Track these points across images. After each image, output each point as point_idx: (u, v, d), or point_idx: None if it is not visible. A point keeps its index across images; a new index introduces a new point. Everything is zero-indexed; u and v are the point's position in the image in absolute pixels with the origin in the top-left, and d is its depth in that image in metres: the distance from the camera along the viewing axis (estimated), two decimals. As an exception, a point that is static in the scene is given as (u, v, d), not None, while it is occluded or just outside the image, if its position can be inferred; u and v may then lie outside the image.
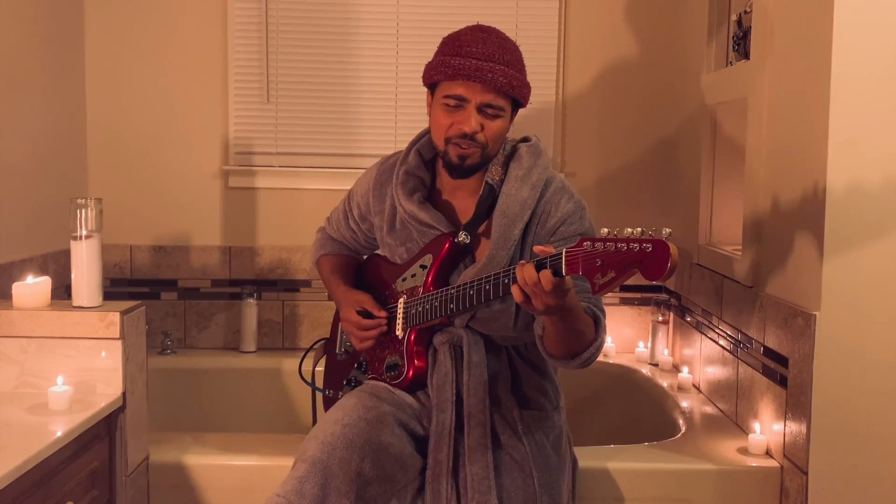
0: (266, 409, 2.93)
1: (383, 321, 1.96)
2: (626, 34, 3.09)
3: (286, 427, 2.86)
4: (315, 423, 2.14)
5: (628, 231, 1.41)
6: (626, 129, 3.11)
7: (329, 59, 3.06)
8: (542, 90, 3.02)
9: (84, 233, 2.01)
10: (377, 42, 3.06)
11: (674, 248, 1.37)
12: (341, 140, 3.09)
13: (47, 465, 1.68)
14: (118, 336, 1.97)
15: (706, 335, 2.68)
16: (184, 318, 3.10)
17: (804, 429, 1.95)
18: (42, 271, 2.54)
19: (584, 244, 1.45)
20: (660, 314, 3.07)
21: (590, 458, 2.08)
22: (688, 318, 2.87)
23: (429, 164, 1.99)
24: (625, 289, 3.14)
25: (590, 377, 2.92)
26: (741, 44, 2.47)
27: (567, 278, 1.51)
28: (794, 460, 2.01)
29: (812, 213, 1.95)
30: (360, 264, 2.19)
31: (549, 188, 1.89)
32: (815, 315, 1.91)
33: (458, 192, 1.95)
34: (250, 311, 3.04)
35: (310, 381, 2.17)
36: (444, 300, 1.81)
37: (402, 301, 1.94)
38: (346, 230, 2.16)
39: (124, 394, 1.99)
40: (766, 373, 2.18)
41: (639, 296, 3.15)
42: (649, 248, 1.38)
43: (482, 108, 1.80)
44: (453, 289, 1.79)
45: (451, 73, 1.79)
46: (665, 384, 2.77)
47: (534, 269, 1.52)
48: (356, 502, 1.66)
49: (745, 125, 2.35)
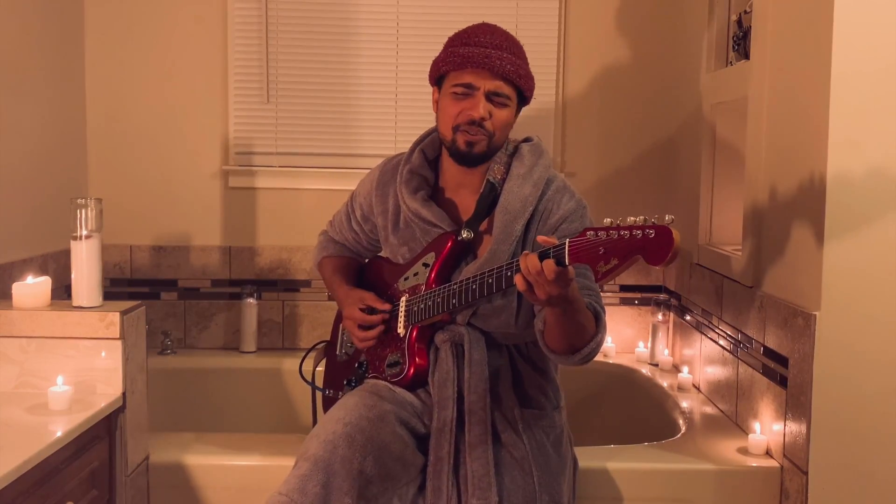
0: (266, 409, 2.93)
1: (386, 317, 1.97)
2: (626, 34, 3.09)
3: (286, 427, 2.86)
4: (315, 423, 2.14)
5: (631, 219, 1.43)
6: (626, 129, 3.12)
7: (329, 59, 3.06)
8: (542, 90, 2.99)
9: (84, 233, 2.01)
10: (377, 42, 3.06)
11: (676, 234, 1.39)
12: (341, 140, 3.09)
13: (47, 465, 1.68)
14: (118, 336, 1.97)
15: (706, 335, 2.68)
16: (184, 318, 3.10)
17: (804, 429, 1.95)
18: (42, 271, 2.54)
19: (588, 234, 1.47)
20: (660, 314, 3.07)
21: (590, 458, 2.08)
22: (688, 318, 2.88)
23: (432, 163, 2.00)
24: (625, 289, 3.15)
25: (590, 377, 2.93)
26: (741, 44, 2.47)
27: (570, 268, 1.52)
28: (794, 460, 2.01)
29: (812, 213, 1.95)
30: (361, 267, 2.20)
31: (550, 187, 1.91)
32: (815, 315, 1.91)
33: (462, 190, 1.96)
34: (250, 311, 3.04)
35: (310, 380, 2.17)
36: (447, 295, 1.82)
37: (404, 299, 1.95)
38: (348, 232, 2.17)
39: (124, 394, 1.99)
40: (766, 373, 2.18)
41: (639, 296, 3.15)
42: (652, 233, 1.40)
43: (490, 96, 1.83)
44: (455, 284, 1.80)
45: (459, 62, 1.82)
46: (665, 384, 2.77)
47: (537, 259, 1.53)
48: (358, 501, 1.67)
49: (745, 125, 2.35)
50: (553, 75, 3.08)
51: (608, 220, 1.46)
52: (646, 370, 2.94)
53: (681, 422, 2.44)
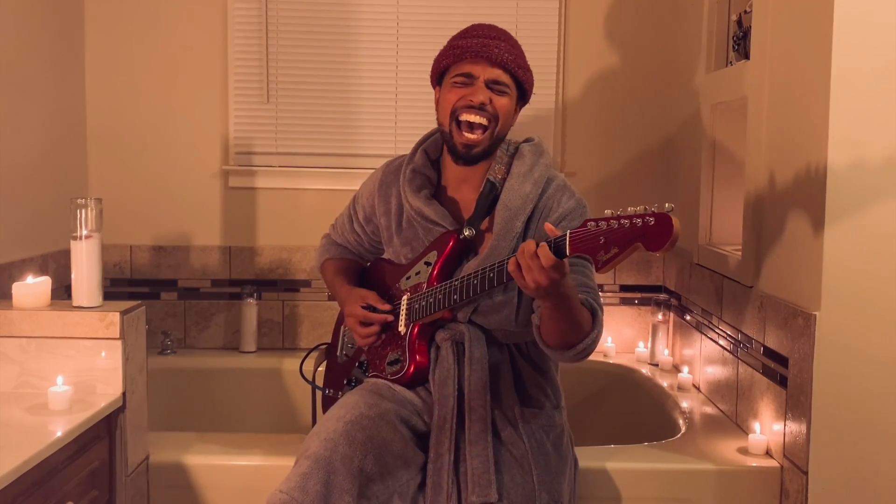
0: (266, 409, 2.93)
1: (389, 317, 1.97)
2: (625, 34, 3.09)
3: (286, 427, 2.86)
4: (315, 423, 2.14)
5: (631, 209, 1.45)
6: (626, 129, 3.12)
7: (329, 59, 3.06)
8: (542, 90, 3.02)
9: (84, 233, 2.01)
10: (377, 42, 3.06)
11: (676, 220, 1.41)
12: (341, 140, 3.09)
13: (47, 465, 1.68)
14: (118, 336, 1.97)
15: (706, 335, 2.68)
16: (184, 318, 3.10)
17: (804, 429, 1.95)
18: (42, 271, 2.54)
19: (588, 224, 1.49)
20: (660, 314, 3.07)
21: (590, 458, 2.08)
22: (688, 317, 2.88)
23: (434, 163, 2.01)
24: (625, 289, 3.15)
25: (590, 377, 2.93)
26: (741, 44, 2.47)
27: (565, 262, 1.54)
28: (794, 460, 2.01)
29: (812, 213, 1.95)
30: (363, 269, 2.20)
31: (550, 185, 1.92)
32: (815, 315, 1.91)
33: (464, 189, 1.97)
34: (250, 311, 3.04)
35: (310, 380, 2.17)
36: (448, 292, 1.83)
37: (405, 297, 1.95)
38: (350, 234, 2.18)
39: (124, 394, 1.99)
40: (766, 373, 2.18)
41: (639, 296, 3.15)
42: (652, 221, 1.42)
43: (489, 85, 1.86)
44: (457, 280, 1.82)
45: (458, 54, 1.87)
46: (665, 384, 2.77)
47: (533, 242, 1.55)
48: (359, 499, 1.67)
49: (745, 125, 2.35)
50: (553, 75, 3.08)
51: (608, 211, 1.48)
52: (646, 370, 2.94)
53: (681, 422, 2.44)
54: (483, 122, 1.86)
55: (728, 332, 2.47)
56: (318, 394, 2.19)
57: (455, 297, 1.81)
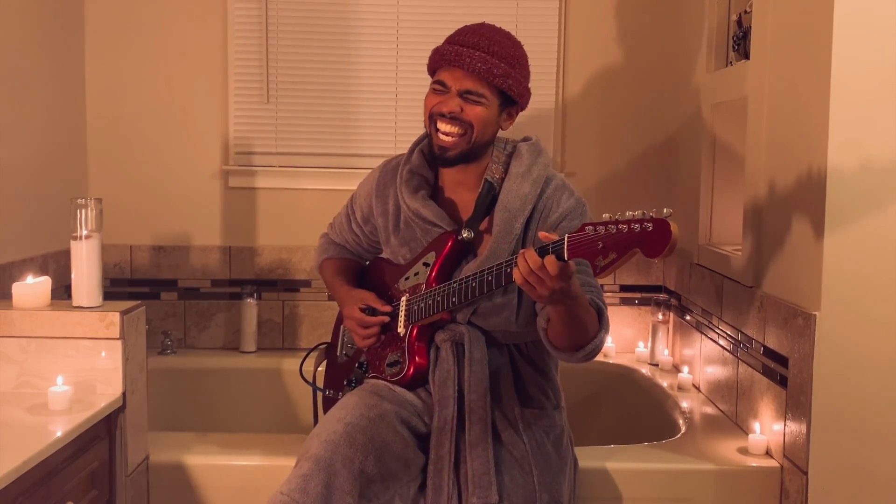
0: (266, 409, 2.93)
1: (386, 319, 1.97)
2: (625, 34, 3.09)
3: (286, 427, 2.86)
4: (316, 423, 2.14)
5: (629, 214, 1.44)
6: (626, 129, 3.12)
7: (329, 59, 3.06)
8: (542, 90, 3.02)
9: (84, 233, 2.01)
10: (377, 42, 3.06)
11: (674, 226, 1.40)
12: (341, 140, 3.09)
13: (47, 465, 1.68)
14: (118, 336, 1.97)
15: (706, 335, 2.68)
16: (184, 318, 3.10)
17: (804, 429, 1.95)
18: (42, 271, 2.54)
19: (586, 229, 1.48)
20: (660, 314, 3.07)
21: (590, 458, 2.08)
22: (688, 317, 2.88)
23: (431, 163, 2.00)
24: (625, 289, 3.15)
25: (590, 377, 2.93)
26: (741, 44, 2.47)
27: (570, 263, 1.53)
28: (794, 460, 2.01)
29: (812, 213, 1.95)
30: (362, 268, 2.20)
31: (549, 185, 1.91)
32: (815, 315, 1.91)
33: (460, 189, 1.96)
34: (250, 311, 3.04)
35: (310, 381, 2.17)
36: (447, 294, 1.82)
37: (404, 298, 1.95)
38: (348, 234, 2.17)
39: (124, 394, 1.99)
40: (766, 373, 2.18)
41: (639, 296, 3.15)
42: (650, 227, 1.41)
43: (462, 94, 1.84)
44: (455, 282, 1.81)
45: (437, 60, 1.88)
46: (665, 384, 2.77)
47: (536, 255, 1.54)
48: (359, 500, 1.67)
49: (745, 125, 2.35)
50: (553, 75, 3.08)
51: (607, 215, 1.47)
52: (646, 370, 2.94)
53: (681, 422, 2.44)
54: (453, 130, 1.85)
55: (728, 332, 2.47)
56: (319, 394, 2.19)
57: (454, 299, 1.81)
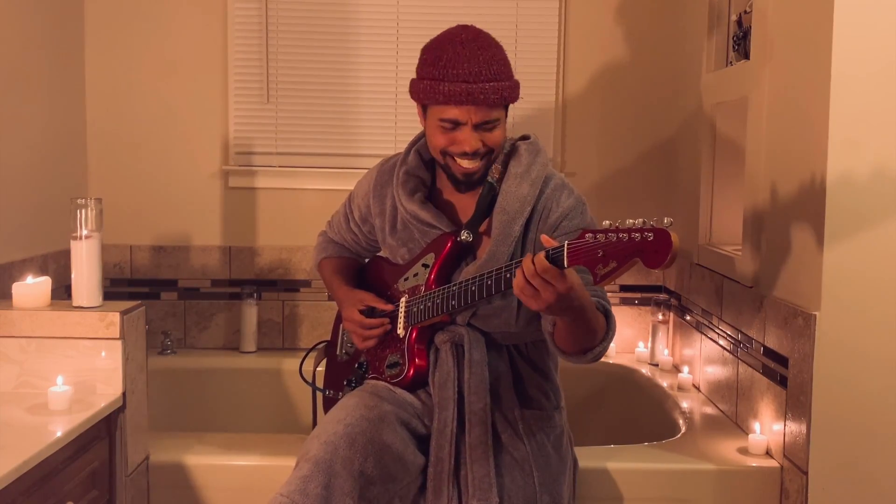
0: (266, 409, 2.93)
1: (386, 321, 1.96)
2: (625, 34, 3.09)
3: (286, 427, 2.86)
4: (315, 423, 2.14)
5: (630, 222, 1.43)
6: (626, 129, 3.12)
7: (329, 59, 3.06)
8: (542, 90, 3.02)
9: (84, 233, 2.01)
10: (377, 42, 3.06)
11: (675, 236, 1.38)
12: (341, 140, 3.09)
13: (47, 465, 1.68)
14: (118, 336, 1.97)
15: (706, 335, 2.68)
16: (184, 318, 3.10)
17: (804, 429, 1.95)
18: (42, 271, 2.54)
19: (586, 236, 1.46)
20: (660, 314, 3.07)
21: (590, 458, 2.08)
22: (688, 318, 2.88)
23: (428, 164, 1.99)
24: (625, 289, 3.15)
25: (590, 377, 2.93)
26: (741, 44, 2.47)
27: (571, 269, 1.51)
28: (794, 460, 2.01)
29: (812, 213, 1.95)
30: (361, 267, 2.20)
31: (548, 185, 1.90)
32: (815, 315, 1.91)
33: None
34: (250, 311, 3.04)
35: (310, 381, 2.17)
36: (446, 297, 1.82)
37: (403, 300, 1.95)
38: (346, 233, 2.17)
39: (124, 394, 1.99)
40: (766, 373, 2.18)
41: (639, 296, 3.15)
42: (650, 236, 1.39)
43: (479, 126, 1.79)
44: (455, 285, 1.80)
45: (442, 99, 1.77)
46: (665, 384, 2.77)
47: (545, 259, 1.50)
48: (359, 502, 1.66)
49: (745, 125, 2.35)
50: (553, 75, 3.07)
51: (607, 221, 1.46)
52: (646, 370, 2.94)
53: (681, 422, 2.44)
54: (477, 162, 1.82)
55: (728, 332, 2.47)
56: (319, 395, 2.19)
57: (453, 302, 1.80)
